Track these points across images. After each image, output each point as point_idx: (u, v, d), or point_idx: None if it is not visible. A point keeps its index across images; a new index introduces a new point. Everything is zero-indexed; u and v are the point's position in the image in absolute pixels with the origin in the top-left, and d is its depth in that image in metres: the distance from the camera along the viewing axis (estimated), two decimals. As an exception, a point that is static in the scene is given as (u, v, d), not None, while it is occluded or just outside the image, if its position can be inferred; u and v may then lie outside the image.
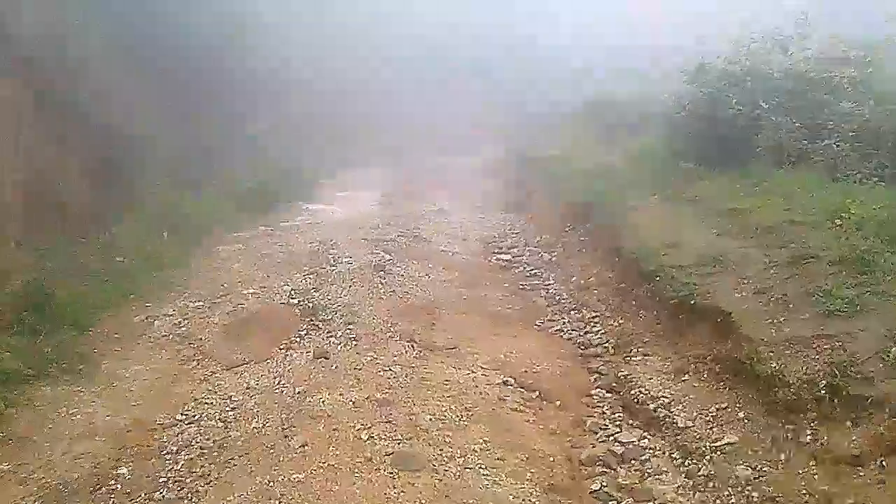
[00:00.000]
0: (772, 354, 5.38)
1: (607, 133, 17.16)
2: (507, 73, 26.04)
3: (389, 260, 10.20)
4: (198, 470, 4.98)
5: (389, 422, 5.37)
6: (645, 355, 6.86)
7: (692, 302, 6.76)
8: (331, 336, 7.28)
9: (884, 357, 4.79)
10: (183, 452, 5.21)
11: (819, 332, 5.40)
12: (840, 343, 5.18)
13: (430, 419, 5.46)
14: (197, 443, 5.32)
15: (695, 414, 5.55)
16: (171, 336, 7.40)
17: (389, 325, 7.55)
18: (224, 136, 14.88)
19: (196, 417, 5.72)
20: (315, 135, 19.54)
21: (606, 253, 9.60)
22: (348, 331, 7.37)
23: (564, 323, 8.34)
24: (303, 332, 7.45)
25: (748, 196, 9.28)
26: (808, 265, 6.47)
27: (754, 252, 7.32)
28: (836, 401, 4.66)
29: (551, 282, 9.96)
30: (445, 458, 4.90)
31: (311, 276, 9.37)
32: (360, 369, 6.37)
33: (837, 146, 8.78)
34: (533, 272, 10.51)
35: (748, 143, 10.84)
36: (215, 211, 12.35)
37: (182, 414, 5.79)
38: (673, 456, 5.30)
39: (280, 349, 7.05)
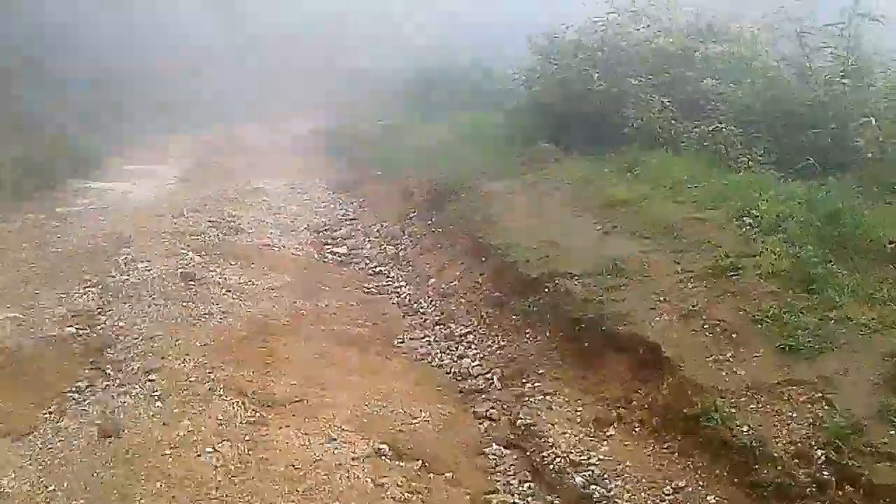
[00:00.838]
0: (734, 411, 4.11)
1: (441, 106, 15.79)
2: (328, 39, 23.95)
3: (201, 263, 8.07)
4: None
5: (219, 556, 3.50)
6: (545, 394, 5.39)
7: (602, 327, 5.41)
8: (124, 392, 5.14)
9: (893, 419, 3.65)
10: None
11: (787, 377, 4.20)
12: (820, 394, 3.99)
13: (283, 540, 3.66)
14: None
15: (644, 496, 4.11)
16: None
17: (208, 369, 5.50)
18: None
19: None
20: (108, 104, 16.27)
21: (468, 250, 8.13)
22: (149, 383, 5.26)
23: (430, 342, 6.76)
24: (82, 385, 5.29)
25: (624, 183, 8.22)
26: (737, 279, 5.33)
27: (659, 257, 6.15)
28: (847, 487, 3.45)
29: (402, 283, 8.38)
30: None
31: (94, 291, 7.13)
32: (168, 454, 4.33)
33: (724, 129, 7.84)
34: (377, 269, 8.89)
35: (610, 122, 9.85)
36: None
37: None
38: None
39: (47, 415, 4.88)
